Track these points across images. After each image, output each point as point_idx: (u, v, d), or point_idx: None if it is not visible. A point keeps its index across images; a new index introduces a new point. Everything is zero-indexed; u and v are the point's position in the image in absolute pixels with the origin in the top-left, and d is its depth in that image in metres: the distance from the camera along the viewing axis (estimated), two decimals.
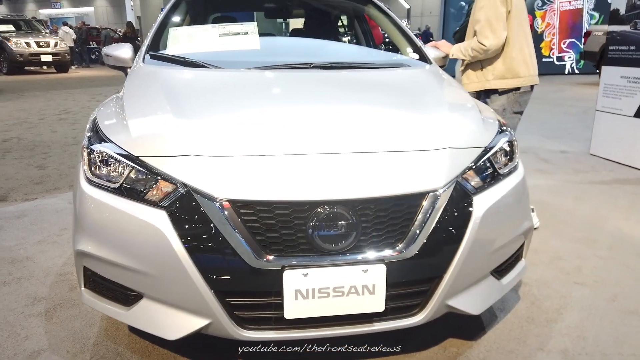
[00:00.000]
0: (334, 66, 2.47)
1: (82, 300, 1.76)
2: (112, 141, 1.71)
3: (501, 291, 1.88)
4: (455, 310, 1.71)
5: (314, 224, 1.50)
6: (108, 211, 1.60)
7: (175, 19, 2.97)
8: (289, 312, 1.54)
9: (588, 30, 12.39)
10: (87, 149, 1.74)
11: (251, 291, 1.56)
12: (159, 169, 1.58)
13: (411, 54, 2.81)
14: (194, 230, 1.50)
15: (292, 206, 1.50)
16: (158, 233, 1.50)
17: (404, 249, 1.55)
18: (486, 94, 3.00)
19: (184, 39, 2.71)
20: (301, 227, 1.50)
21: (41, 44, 15.59)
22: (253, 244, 1.49)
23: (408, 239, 1.56)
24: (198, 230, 1.50)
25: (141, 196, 1.57)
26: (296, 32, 4.03)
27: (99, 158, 1.68)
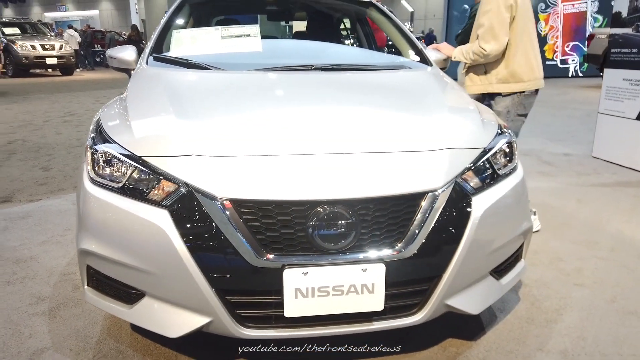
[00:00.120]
0: (335, 68, 2.48)
1: (85, 298, 1.78)
2: (116, 141, 1.73)
3: (500, 291, 1.89)
4: (454, 309, 1.72)
5: (314, 223, 1.51)
6: (111, 210, 1.62)
7: (178, 21, 2.99)
8: (289, 311, 1.55)
9: (592, 33, 12.39)
10: (90, 149, 1.76)
11: (252, 290, 1.58)
12: (162, 168, 1.60)
13: (412, 56, 2.82)
14: (196, 229, 1.52)
15: (292, 206, 1.52)
16: (160, 232, 1.52)
17: (403, 248, 1.56)
18: (490, 96, 3.01)
19: (187, 41, 2.74)
20: (301, 227, 1.52)
21: (46, 46, 15.68)
22: (254, 243, 1.51)
23: (407, 238, 1.57)
24: (199, 230, 1.52)
25: (144, 196, 1.59)
26: (299, 34, 4.05)
27: (102, 158, 1.70)
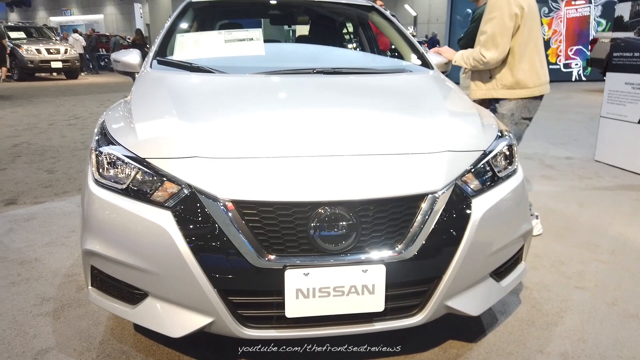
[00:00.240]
0: (337, 71, 2.50)
1: (89, 298, 1.80)
2: (120, 144, 1.76)
3: (501, 293, 1.90)
4: (454, 311, 1.73)
5: (315, 224, 1.53)
6: (115, 211, 1.64)
7: (182, 25, 3.02)
8: (290, 311, 1.57)
9: (595, 37, 12.39)
10: (95, 151, 1.78)
11: (253, 290, 1.59)
12: (165, 170, 1.62)
13: (414, 59, 2.84)
14: (198, 230, 1.54)
15: (293, 207, 1.54)
16: (163, 233, 1.54)
17: (403, 249, 1.58)
18: (495, 99, 3.03)
19: (190, 45, 2.77)
20: (302, 228, 1.54)
21: (51, 50, 15.77)
22: (255, 243, 1.52)
23: (407, 240, 1.59)
24: (202, 230, 1.54)
25: (147, 197, 1.61)
26: (302, 38, 4.08)
27: (106, 160, 1.73)
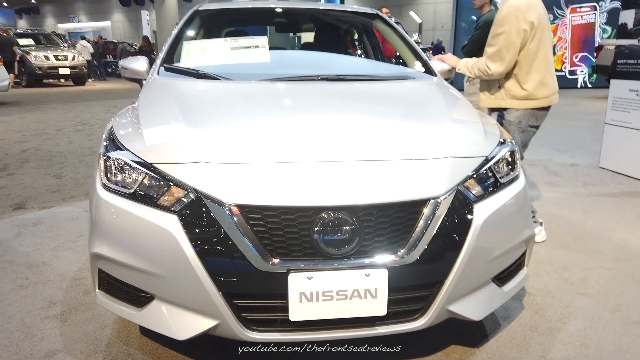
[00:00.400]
0: (341, 78, 2.54)
1: (96, 301, 1.83)
2: (128, 149, 1.79)
3: (503, 298, 1.91)
4: (456, 315, 1.74)
5: (319, 228, 1.55)
6: (122, 216, 1.67)
7: (189, 33, 3.06)
8: (294, 314, 1.59)
9: (600, 44, 12.39)
10: (103, 157, 1.82)
11: (258, 293, 1.62)
12: (171, 175, 1.65)
13: (417, 66, 2.87)
14: (204, 234, 1.57)
15: (297, 211, 1.56)
16: (170, 237, 1.57)
17: (405, 254, 1.60)
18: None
19: (197, 52, 2.81)
20: (306, 232, 1.56)
21: (59, 57, 15.91)
22: (260, 247, 1.55)
23: (409, 244, 1.60)
24: (208, 234, 1.56)
25: (154, 201, 1.64)
26: (307, 45, 4.12)
27: (114, 165, 1.76)
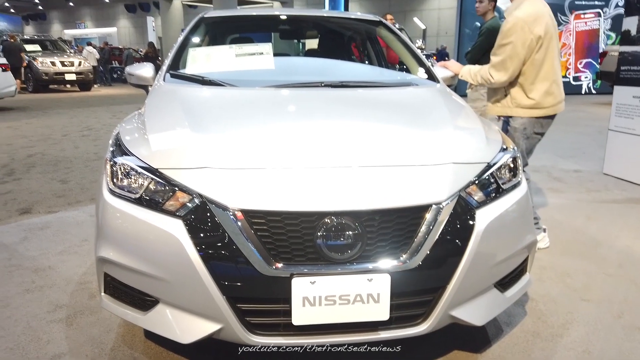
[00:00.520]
0: (344, 85, 2.56)
1: (102, 305, 1.85)
2: (134, 154, 1.81)
3: (505, 304, 1.92)
4: (458, 320, 1.75)
5: (322, 233, 1.57)
6: (128, 220, 1.70)
7: (194, 39, 3.10)
8: (297, 319, 1.60)
9: (604, 51, 12.39)
10: (110, 162, 1.84)
11: (261, 298, 1.63)
12: (177, 180, 1.68)
13: (420, 73, 2.89)
14: (208, 238, 1.59)
15: (300, 216, 1.58)
16: (175, 241, 1.59)
17: (407, 259, 1.61)
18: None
19: (202, 59, 2.85)
20: (309, 237, 1.58)
21: (66, 63, 16.01)
22: (264, 252, 1.57)
23: (412, 249, 1.62)
24: (212, 239, 1.58)
25: (159, 206, 1.67)
26: (311, 52, 4.15)
27: (121, 170, 1.79)
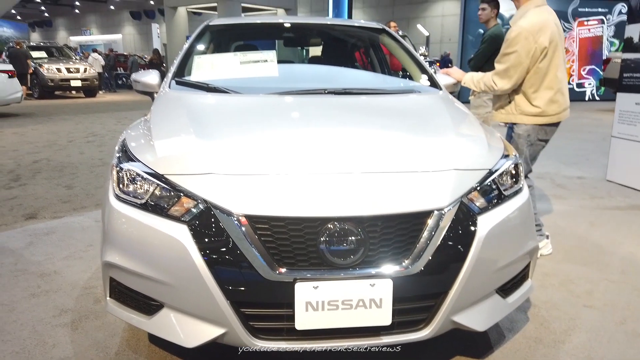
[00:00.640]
0: (348, 92, 2.59)
1: (107, 309, 1.87)
2: (140, 160, 1.84)
3: (507, 309, 1.93)
4: (460, 326, 1.76)
5: (325, 239, 1.59)
6: (134, 225, 1.72)
7: (199, 47, 3.13)
8: (300, 323, 1.62)
9: (608, 57, 12.40)
10: (116, 168, 1.87)
11: (265, 302, 1.65)
12: (182, 186, 1.70)
13: (423, 80, 2.91)
14: (213, 244, 1.61)
15: (304, 222, 1.60)
16: (180, 246, 1.61)
17: (409, 265, 1.63)
18: None
19: (207, 66, 2.88)
20: (312, 242, 1.60)
21: (71, 69, 16.13)
22: (267, 257, 1.59)
23: (414, 255, 1.63)
24: (216, 244, 1.60)
25: (165, 211, 1.69)
26: (314, 59, 4.18)
27: (127, 176, 1.81)
